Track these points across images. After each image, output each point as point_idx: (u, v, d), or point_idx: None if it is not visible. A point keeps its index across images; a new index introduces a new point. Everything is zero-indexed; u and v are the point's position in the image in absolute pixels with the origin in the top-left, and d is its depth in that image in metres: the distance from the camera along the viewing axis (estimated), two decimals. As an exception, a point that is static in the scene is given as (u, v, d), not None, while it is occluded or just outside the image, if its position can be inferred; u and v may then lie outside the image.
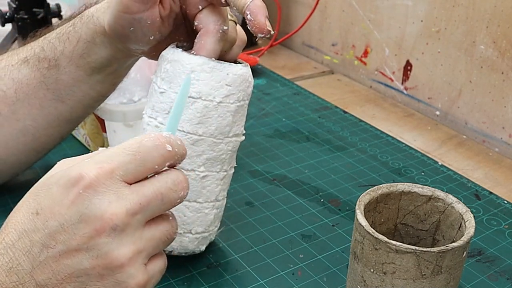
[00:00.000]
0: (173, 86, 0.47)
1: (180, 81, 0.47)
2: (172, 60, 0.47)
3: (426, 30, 0.87)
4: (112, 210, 0.34)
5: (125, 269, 0.35)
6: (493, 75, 0.79)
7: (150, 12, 0.47)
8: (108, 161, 0.35)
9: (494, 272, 0.56)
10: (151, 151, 0.36)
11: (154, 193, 0.36)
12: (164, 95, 0.48)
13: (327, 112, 0.89)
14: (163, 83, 0.48)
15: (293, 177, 0.70)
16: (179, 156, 0.38)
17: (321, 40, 1.09)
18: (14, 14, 0.82)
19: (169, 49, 0.48)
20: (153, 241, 0.37)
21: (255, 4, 0.44)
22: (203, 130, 0.48)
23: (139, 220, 0.36)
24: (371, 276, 0.44)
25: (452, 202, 0.48)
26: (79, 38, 0.51)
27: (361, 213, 0.45)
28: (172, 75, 0.47)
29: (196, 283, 0.52)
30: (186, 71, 0.46)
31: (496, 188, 0.71)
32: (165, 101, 0.47)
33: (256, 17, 0.44)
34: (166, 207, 0.37)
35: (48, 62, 0.53)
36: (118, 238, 0.35)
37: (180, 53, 0.47)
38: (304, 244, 0.58)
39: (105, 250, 0.34)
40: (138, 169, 0.36)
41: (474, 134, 0.84)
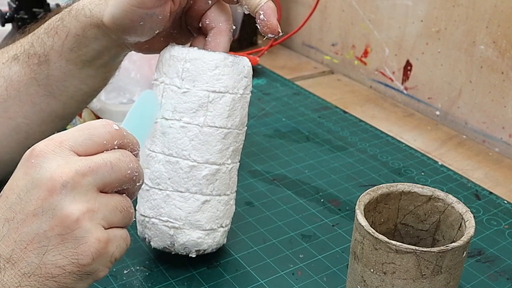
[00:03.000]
0: (197, 84, 0.48)
1: (205, 78, 0.48)
2: (192, 59, 0.48)
3: (426, 30, 0.87)
4: (61, 170, 0.36)
5: (81, 224, 0.35)
6: (493, 75, 0.79)
7: (163, 8, 0.47)
8: (59, 135, 0.38)
9: (494, 272, 0.56)
10: (98, 127, 0.38)
11: (103, 161, 0.37)
12: (188, 94, 0.48)
13: (327, 112, 0.89)
14: (185, 82, 0.48)
15: (293, 177, 0.70)
16: (129, 141, 0.39)
17: (321, 40, 1.09)
18: (14, 14, 0.82)
19: (179, 48, 0.49)
20: (109, 206, 0.37)
21: (269, 6, 0.46)
22: (231, 122, 0.50)
23: (90, 182, 0.36)
24: (371, 276, 0.44)
25: (452, 202, 0.48)
26: (68, 32, 0.51)
27: (361, 213, 0.45)
28: (195, 73, 0.48)
29: (196, 283, 0.52)
30: (210, 68, 0.48)
31: (496, 188, 0.71)
32: (191, 100, 0.48)
33: (269, 18, 0.46)
34: (118, 176, 0.38)
35: (38, 58, 0.52)
36: (70, 195, 0.35)
37: (199, 51, 0.48)
38: (304, 244, 0.58)
39: (59, 207, 0.35)
40: (86, 142, 0.37)
41: (474, 134, 0.84)
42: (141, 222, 0.52)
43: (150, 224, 0.52)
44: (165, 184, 0.50)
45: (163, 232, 0.51)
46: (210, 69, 0.48)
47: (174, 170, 0.50)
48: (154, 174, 0.51)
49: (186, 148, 0.49)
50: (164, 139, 0.50)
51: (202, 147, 0.49)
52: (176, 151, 0.49)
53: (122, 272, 0.53)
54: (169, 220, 0.51)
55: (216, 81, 0.48)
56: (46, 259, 0.35)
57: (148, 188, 0.51)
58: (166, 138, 0.50)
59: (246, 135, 0.53)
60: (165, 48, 0.51)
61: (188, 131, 0.49)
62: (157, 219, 0.51)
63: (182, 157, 0.50)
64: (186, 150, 0.49)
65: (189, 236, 0.51)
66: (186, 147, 0.49)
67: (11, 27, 0.85)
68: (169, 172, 0.50)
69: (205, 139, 0.49)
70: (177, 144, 0.49)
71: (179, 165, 0.50)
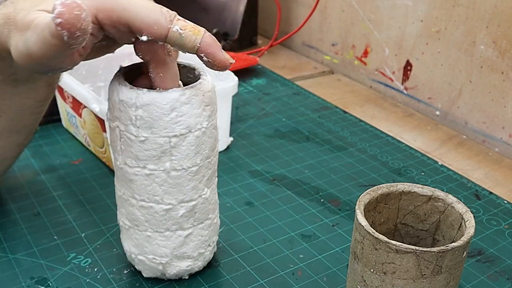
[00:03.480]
0: (155, 131, 0.44)
1: (162, 124, 0.43)
2: (144, 105, 0.43)
3: (426, 30, 0.87)
4: None
5: None
6: (493, 75, 0.79)
7: (69, 61, 0.40)
8: None
9: (494, 272, 0.56)
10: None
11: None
12: (148, 142, 0.44)
13: (327, 112, 0.89)
14: (141, 130, 0.44)
15: (293, 177, 0.70)
16: None
17: (321, 40, 1.09)
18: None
19: (128, 91, 0.43)
20: None
21: (207, 44, 0.40)
22: (200, 157, 0.46)
23: None
24: (371, 276, 0.44)
25: (452, 202, 0.48)
26: None
27: (361, 213, 0.45)
28: (151, 120, 0.43)
29: (196, 283, 0.52)
30: (165, 112, 0.43)
31: (496, 188, 0.71)
32: (152, 148, 0.44)
33: (214, 57, 0.40)
34: None
35: None
36: None
37: (149, 95, 0.43)
38: (304, 244, 0.58)
39: None
40: None
41: (474, 134, 0.84)
42: (128, 256, 0.52)
43: (137, 260, 0.51)
44: (144, 226, 0.48)
45: (152, 267, 0.51)
46: (166, 113, 0.43)
47: (150, 214, 0.47)
48: (131, 216, 0.48)
49: (157, 193, 0.46)
50: (132, 185, 0.46)
51: (174, 189, 0.47)
52: (147, 197, 0.47)
53: (122, 272, 0.53)
54: (155, 257, 0.50)
55: (175, 125, 0.44)
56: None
57: (127, 228, 0.50)
58: (134, 185, 0.46)
59: (246, 135, 0.52)
60: (112, 85, 0.45)
61: (155, 177, 0.45)
62: (143, 256, 0.50)
63: (155, 202, 0.47)
64: (157, 195, 0.46)
65: (178, 267, 0.51)
66: (156, 192, 0.46)
67: None
68: (145, 216, 0.48)
69: (175, 182, 0.46)
70: (147, 191, 0.46)
71: (154, 209, 0.47)
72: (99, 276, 0.53)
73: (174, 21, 0.40)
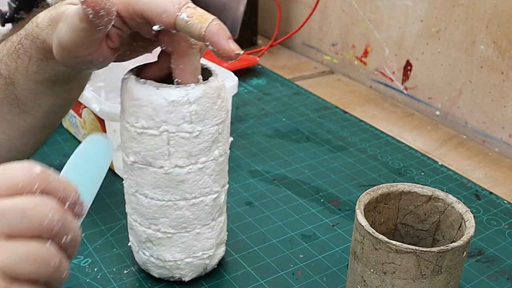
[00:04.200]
0: (207, 121, 0.45)
1: (213, 113, 0.45)
2: (196, 99, 0.44)
3: (426, 30, 0.87)
4: None
5: None
6: (493, 75, 0.79)
7: (100, 51, 0.42)
8: None
9: (494, 272, 0.56)
10: (16, 169, 0.33)
11: (12, 206, 0.32)
12: (201, 135, 0.45)
13: (327, 112, 0.89)
14: (195, 125, 0.44)
15: (293, 177, 0.70)
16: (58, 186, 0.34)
17: (321, 40, 1.09)
18: (14, 14, 0.82)
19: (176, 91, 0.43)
20: (13, 254, 0.31)
21: (211, 32, 0.40)
22: (229, 139, 0.50)
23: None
24: (371, 276, 0.44)
25: (452, 202, 0.48)
26: (31, 57, 0.47)
27: (361, 213, 0.45)
28: (203, 113, 0.44)
29: (196, 283, 0.52)
30: (214, 101, 0.45)
31: (496, 188, 0.71)
32: (204, 140, 0.45)
33: (218, 46, 0.40)
34: (30, 224, 0.32)
35: (4, 79, 0.50)
36: None
37: (198, 88, 0.44)
38: (304, 244, 0.58)
39: None
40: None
41: (474, 134, 0.84)
42: (170, 266, 0.51)
43: (183, 265, 0.51)
44: (193, 225, 0.49)
45: (198, 265, 0.51)
46: (214, 102, 0.45)
47: (200, 209, 0.48)
48: (177, 221, 0.48)
49: (208, 185, 0.48)
50: (183, 186, 0.47)
51: (219, 176, 0.49)
52: (199, 192, 0.48)
53: (122, 272, 0.53)
54: (204, 253, 0.51)
55: (221, 111, 0.46)
56: None
57: (170, 235, 0.49)
58: (186, 185, 0.47)
59: (246, 135, 0.53)
60: (141, 91, 0.44)
61: (206, 169, 0.47)
62: (190, 257, 0.50)
63: (205, 194, 0.48)
64: (208, 187, 0.48)
65: (219, 255, 0.53)
66: (207, 184, 0.48)
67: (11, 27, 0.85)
68: (195, 213, 0.48)
69: (220, 168, 0.49)
70: (199, 185, 0.47)
71: (204, 202, 0.48)
72: (99, 276, 0.53)
73: (183, 8, 0.40)
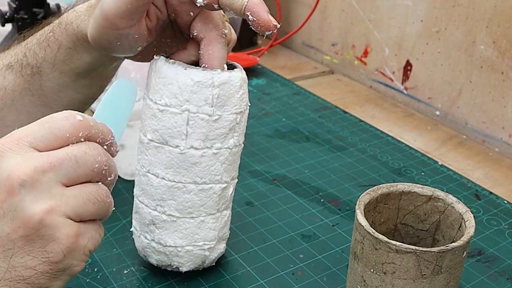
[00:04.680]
0: (227, 108, 0.46)
1: (234, 101, 0.46)
2: (221, 84, 0.45)
3: (426, 30, 0.87)
4: (19, 168, 0.34)
5: (46, 223, 0.34)
6: (493, 75, 0.79)
7: (138, 27, 0.45)
8: (17, 132, 0.36)
9: (494, 272, 0.56)
10: (60, 120, 0.36)
11: (67, 155, 0.35)
12: (220, 121, 0.46)
13: (327, 112, 0.89)
14: (216, 109, 0.46)
15: (293, 177, 0.70)
16: (97, 130, 0.37)
17: (321, 40, 1.09)
18: (14, 14, 0.82)
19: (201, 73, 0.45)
20: (78, 199, 0.35)
21: (253, 3, 0.42)
22: (244, 133, 0.50)
23: (52, 178, 0.34)
24: (371, 276, 0.44)
25: (452, 202, 0.48)
26: (60, 45, 0.49)
27: (361, 213, 0.45)
28: (225, 98, 0.46)
29: (196, 283, 0.52)
30: (237, 89, 0.46)
31: (496, 188, 0.71)
32: (222, 126, 0.47)
33: (258, 16, 0.42)
34: (84, 170, 0.36)
35: (31, 68, 0.51)
36: (30, 194, 0.34)
37: (224, 74, 0.45)
38: (304, 244, 0.58)
39: (19, 208, 0.33)
40: (47, 136, 0.35)
41: (474, 134, 0.84)
42: (169, 252, 0.51)
43: (183, 253, 0.51)
44: (198, 211, 0.49)
45: (197, 255, 0.51)
46: (237, 90, 0.46)
47: (208, 196, 0.49)
48: (184, 205, 0.49)
49: (219, 172, 0.48)
50: (195, 169, 0.48)
51: (230, 167, 0.49)
52: (209, 178, 0.48)
53: (122, 272, 0.53)
54: (205, 243, 0.51)
55: (241, 102, 0.47)
56: (14, 262, 0.34)
57: (175, 219, 0.49)
58: (198, 168, 0.48)
59: (246, 135, 0.53)
60: (171, 70, 0.46)
61: (220, 155, 0.48)
62: (191, 246, 0.51)
63: (215, 182, 0.49)
64: (218, 175, 0.48)
65: (218, 250, 0.53)
66: (218, 172, 0.48)
67: (11, 27, 0.85)
68: (203, 200, 0.49)
69: (233, 159, 0.49)
70: (210, 171, 0.48)
71: (213, 190, 0.49)
72: (99, 276, 0.53)
73: None
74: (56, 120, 0.36)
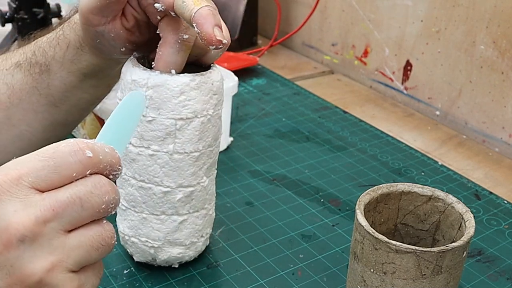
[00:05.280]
0: (162, 112, 0.45)
1: (170, 106, 0.45)
2: (155, 86, 0.45)
3: (426, 30, 0.87)
4: (17, 219, 0.30)
5: (46, 282, 0.31)
6: (493, 75, 0.79)
7: (112, 25, 0.45)
8: (17, 167, 0.32)
9: (494, 272, 0.56)
10: (67, 156, 0.32)
11: (71, 198, 0.32)
12: (154, 123, 0.46)
13: (327, 112, 0.89)
14: (149, 110, 0.45)
15: (293, 177, 0.70)
16: (106, 164, 0.33)
17: (321, 40, 1.09)
18: (14, 14, 0.82)
19: (140, 72, 0.45)
20: (81, 249, 0.32)
21: (200, 14, 0.40)
22: (203, 144, 0.48)
23: (54, 228, 0.31)
24: (371, 276, 0.44)
25: (452, 202, 0.48)
26: (69, 44, 0.50)
27: (361, 213, 0.45)
28: (160, 101, 0.45)
29: (196, 283, 0.52)
30: (175, 94, 0.45)
31: (496, 188, 0.71)
32: (158, 128, 0.46)
33: (202, 28, 0.40)
34: (89, 213, 0.32)
35: (40, 67, 0.52)
36: (30, 250, 0.31)
37: (161, 76, 0.45)
38: (304, 244, 0.58)
39: (17, 265, 0.30)
40: (51, 176, 0.32)
41: (474, 134, 0.84)
42: (122, 238, 0.53)
43: (130, 242, 0.52)
44: (141, 207, 0.50)
45: (144, 250, 0.52)
46: (175, 96, 0.45)
47: (148, 195, 0.49)
48: (129, 197, 0.50)
49: (158, 175, 0.48)
50: (134, 165, 0.48)
51: (174, 173, 0.48)
52: (147, 178, 0.48)
53: (122, 272, 0.53)
54: (148, 240, 0.51)
55: (182, 108, 0.45)
56: None
57: (124, 208, 0.51)
58: (136, 165, 0.48)
59: (246, 135, 0.53)
60: (125, 66, 0.48)
61: (157, 158, 0.47)
62: (136, 238, 0.51)
63: (154, 183, 0.48)
64: (157, 177, 0.48)
65: (169, 253, 0.52)
66: (157, 174, 0.48)
67: (11, 27, 0.85)
68: (143, 197, 0.49)
69: (176, 165, 0.48)
70: (148, 171, 0.48)
71: (152, 190, 0.49)
72: (99, 276, 0.53)
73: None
74: (63, 157, 0.32)
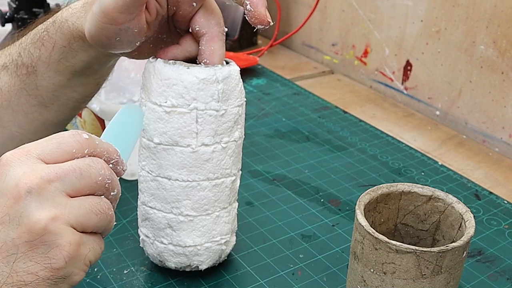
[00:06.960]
0: (231, 102, 0.47)
1: (236, 94, 0.47)
2: (224, 78, 0.46)
3: (426, 30, 0.87)
4: (26, 176, 0.35)
5: (49, 229, 0.35)
6: (493, 75, 0.79)
7: (137, 21, 0.44)
8: (27, 145, 0.38)
9: (494, 272, 0.56)
10: (67, 137, 0.38)
11: (72, 167, 0.37)
12: (226, 115, 0.47)
13: (327, 112, 0.89)
14: (221, 104, 0.47)
15: (293, 177, 0.70)
16: (103, 149, 0.39)
17: (321, 40, 1.09)
18: (14, 14, 0.82)
19: (204, 70, 0.46)
20: (82, 209, 0.37)
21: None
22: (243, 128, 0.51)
23: (57, 188, 0.36)
24: (371, 276, 0.44)
25: (452, 202, 0.48)
26: (54, 44, 0.49)
27: (361, 213, 0.45)
28: (228, 92, 0.47)
29: (196, 283, 0.52)
30: (237, 83, 0.47)
31: (496, 188, 0.71)
32: (228, 120, 0.47)
33: (256, 8, 0.43)
34: (87, 182, 0.37)
35: (26, 68, 0.51)
36: (36, 201, 0.35)
37: (224, 69, 0.46)
38: (304, 244, 0.58)
39: (25, 214, 0.35)
40: (54, 150, 0.37)
41: (474, 134, 0.84)
42: (189, 252, 0.51)
43: (202, 250, 0.51)
44: (214, 207, 0.50)
45: (215, 251, 0.52)
46: (237, 83, 0.48)
47: (221, 190, 0.50)
48: (200, 202, 0.49)
49: (228, 166, 0.49)
50: (208, 165, 0.48)
51: (236, 159, 0.50)
52: (221, 173, 0.49)
53: (122, 272, 0.53)
54: (222, 237, 0.51)
55: (241, 94, 0.48)
56: (17, 267, 0.35)
57: (191, 219, 0.50)
58: (210, 164, 0.48)
59: (246, 135, 0.53)
60: (174, 72, 0.46)
61: (228, 149, 0.49)
62: (210, 242, 0.51)
63: (226, 175, 0.49)
64: (228, 168, 0.49)
65: (232, 243, 0.54)
66: (228, 165, 0.49)
67: (11, 27, 0.85)
68: (216, 195, 0.50)
69: (238, 151, 0.50)
70: (221, 166, 0.49)
71: (225, 184, 0.50)
72: (99, 276, 0.53)
73: None
74: (64, 137, 0.38)
